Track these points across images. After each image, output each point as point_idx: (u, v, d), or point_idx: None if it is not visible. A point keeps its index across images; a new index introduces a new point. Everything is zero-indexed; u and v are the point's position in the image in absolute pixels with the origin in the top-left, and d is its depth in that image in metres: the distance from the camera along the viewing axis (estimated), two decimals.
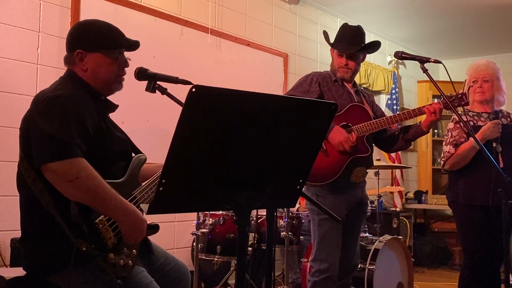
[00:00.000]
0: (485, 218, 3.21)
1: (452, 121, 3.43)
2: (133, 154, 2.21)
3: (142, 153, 2.22)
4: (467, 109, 3.40)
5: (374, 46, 3.15)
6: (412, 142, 3.18)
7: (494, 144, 3.22)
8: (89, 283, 1.89)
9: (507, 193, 2.75)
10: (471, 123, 3.35)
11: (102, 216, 1.88)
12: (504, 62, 3.52)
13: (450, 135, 3.38)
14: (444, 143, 3.41)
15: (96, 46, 2.09)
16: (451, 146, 3.33)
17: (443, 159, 3.39)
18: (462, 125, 3.29)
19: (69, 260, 1.81)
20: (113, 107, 2.19)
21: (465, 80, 3.47)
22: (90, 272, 1.87)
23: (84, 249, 1.81)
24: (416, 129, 3.04)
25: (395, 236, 4.30)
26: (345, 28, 3.15)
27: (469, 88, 3.37)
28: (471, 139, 3.18)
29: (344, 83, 3.11)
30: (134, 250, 1.98)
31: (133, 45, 2.18)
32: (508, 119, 3.42)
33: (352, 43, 3.07)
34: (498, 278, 3.31)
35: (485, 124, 3.30)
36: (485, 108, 3.41)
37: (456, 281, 3.43)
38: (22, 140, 1.95)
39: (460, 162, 3.30)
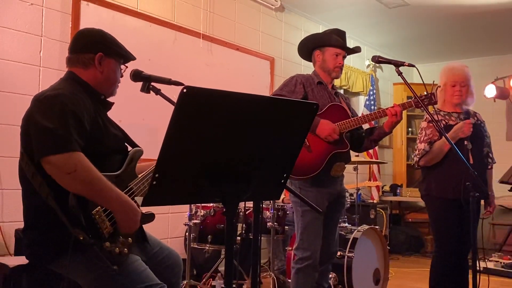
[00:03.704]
0: (456, 210, 3.23)
1: (425, 120, 3.43)
2: (130, 148, 2.20)
3: (140, 147, 2.21)
4: (438, 109, 3.42)
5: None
6: (378, 142, 3.20)
7: (465, 142, 3.24)
8: (87, 269, 1.88)
9: (474, 186, 2.77)
10: (443, 122, 3.36)
11: (99, 207, 1.87)
12: (472, 66, 3.54)
13: (424, 134, 3.38)
14: (418, 141, 3.41)
15: (114, 53, 2.14)
16: (425, 144, 3.33)
17: (417, 155, 3.37)
18: (434, 124, 3.31)
19: (68, 248, 1.80)
20: (110, 105, 2.20)
21: (437, 82, 3.46)
22: (87, 260, 1.86)
23: (81, 238, 1.79)
24: (379, 130, 3.06)
25: (372, 226, 4.32)
26: (335, 31, 3.14)
27: (437, 88, 3.36)
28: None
29: (327, 85, 3.11)
30: (129, 239, 1.97)
31: (131, 60, 2.25)
32: (475, 118, 3.44)
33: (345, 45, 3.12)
34: (466, 264, 3.34)
35: (456, 123, 3.31)
36: (455, 108, 3.42)
37: (427, 267, 3.45)
38: (23, 137, 1.94)
39: (435, 158, 3.31)
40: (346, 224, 4.36)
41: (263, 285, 4.32)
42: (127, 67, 2.24)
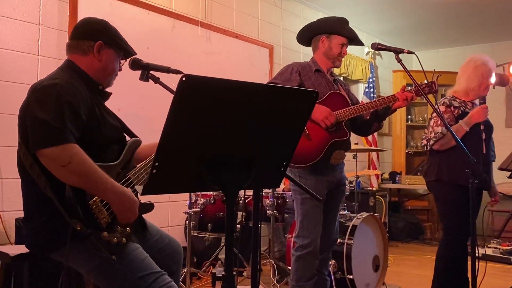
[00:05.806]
0: (466, 196, 3.20)
1: (443, 105, 3.42)
2: (128, 138, 2.20)
3: (137, 137, 2.21)
4: (453, 96, 3.43)
5: None
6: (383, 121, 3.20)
7: (482, 127, 3.24)
8: (87, 259, 1.89)
9: (474, 173, 2.76)
10: (461, 109, 3.38)
11: (96, 197, 1.87)
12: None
13: None
14: (434, 124, 3.36)
15: (114, 44, 2.13)
16: (442, 127, 3.31)
17: (433, 138, 3.34)
18: (452, 109, 3.33)
19: (66, 238, 1.81)
20: (108, 95, 2.20)
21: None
22: (86, 250, 1.86)
23: (78, 228, 1.80)
24: (386, 110, 3.03)
25: (371, 213, 4.33)
26: (343, 20, 3.14)
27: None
28: (461, 122, 3.26)
29: (325, 73, 3.10)
30: (127, 228, 1.97)
31: (132, 55, 2.24)
32: None
33: None
34: (466, 251, 3.34)
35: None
36: (472, 98, 3.46)
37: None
38: (20, 127, 1.93)
39: (449, 142, 3.30)
40: (346, 212, 4.37)
41: (263, 272, 4.35)
42: (126, 61, 2.23)
